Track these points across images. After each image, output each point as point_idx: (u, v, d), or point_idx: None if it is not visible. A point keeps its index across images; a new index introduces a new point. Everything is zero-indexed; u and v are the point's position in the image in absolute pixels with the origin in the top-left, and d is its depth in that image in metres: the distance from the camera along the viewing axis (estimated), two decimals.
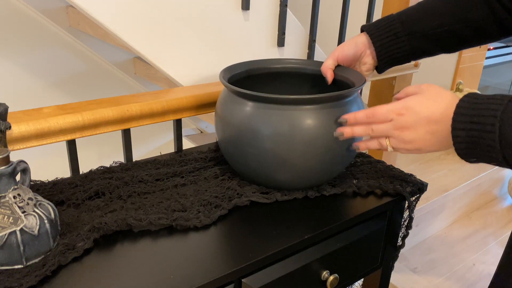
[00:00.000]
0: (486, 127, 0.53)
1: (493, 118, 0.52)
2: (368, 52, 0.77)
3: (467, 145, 0.55)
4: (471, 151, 0.55)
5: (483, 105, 0.54)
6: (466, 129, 0.54)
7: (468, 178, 1.99)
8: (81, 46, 1.66)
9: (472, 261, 1.79)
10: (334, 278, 0.70)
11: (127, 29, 0.99)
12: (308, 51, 1.35)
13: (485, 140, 0.53)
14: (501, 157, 0.53)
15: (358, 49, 0.78)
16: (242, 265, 0.58)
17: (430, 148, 0.61)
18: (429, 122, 0.59)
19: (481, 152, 0.55)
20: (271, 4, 1.20)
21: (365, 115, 0.64)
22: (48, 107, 0.78)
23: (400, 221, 0.83)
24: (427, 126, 0.59)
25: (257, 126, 0.68)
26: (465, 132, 0.55)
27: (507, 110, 0.52)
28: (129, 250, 0.61)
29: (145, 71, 1.62)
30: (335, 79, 0.81)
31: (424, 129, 0.59)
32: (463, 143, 0.55)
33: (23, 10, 1.53)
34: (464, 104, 0.55)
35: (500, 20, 0.71)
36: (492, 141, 0.53)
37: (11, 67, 1.56)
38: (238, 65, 0.84)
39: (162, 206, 0.69)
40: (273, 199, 0.73)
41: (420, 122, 0.59)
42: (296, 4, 1.74)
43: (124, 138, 0.86)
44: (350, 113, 0.66)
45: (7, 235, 0.53)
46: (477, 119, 0.53)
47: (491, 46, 2.90)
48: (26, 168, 0.59)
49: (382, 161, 0.86)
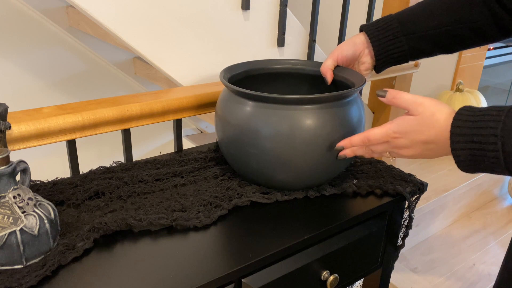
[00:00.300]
0: (488, 146, 0.53)
1: (494, 137, 0.52)
2: (366, 51, 0.78)
3: (469, 163, 0.55)
4: (473, 168, 0.56)
5: (480, 123, 0.53)
6: (466, 149, 0.55)
7: (468, 178, 1.99)
8: (81, 46, 1.66)
9: (472, 261, 1.79)
10: (334, 278, 0.70)
11: (127, 29, 0.99)
12: (308, 51, 1.35)
13: (488, 158, 0.53)
14: (506, 171, 0.54)
15: (356, 48, 0.78)
16: (242, 265, 0.58)
17: (431, 157, 0.62)
18: (425, 143, 0.60)
19: (484, 168, 0.55)
20: (271, 4, 1.20)
21: (361, 140, 0.65)
22: (48, 107, 0.78)
23: (400, 221, 0.83)
24: (424, 146, 0.60)
25: (257, 126, 0.68)
26: (466, 151, 0.55)
27: (506, 127, 0.52)
28: (129, 250, 0.61)
29: (145, 71, 1.62)
30: (335, 80, 0.81)
31: (421, 148, 0.60)
32: (465, 161, 0.56)
33: (23, 10, 1.52)
34: (460, 123, 0.55)
35: (499, 21, 0.71)
36: (496, 159, 0.53)
37: (11, 67, 1.56)
38: (238, 65, 0.84)
39: (162, 206, 0.69)
40: (273, 199, 0.73)
41: (416, 144, 0.60)
42: (296, 4, 1.74)
43: (124, 138, 0.86)
44: (345, 140, 0.67)
45: (7, 235, 0.53)
46: (477, 138, 0.53)
47: (491, 46, 2.90)
48: (26, 168, 0.59)
49: (382, 161, 0.86)
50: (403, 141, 0.61)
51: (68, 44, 1.64)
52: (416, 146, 0.60)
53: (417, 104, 0.59)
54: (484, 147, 0.53)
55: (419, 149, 0.60)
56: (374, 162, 0.86)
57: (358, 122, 0.72)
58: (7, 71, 1.55)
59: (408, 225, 0.83)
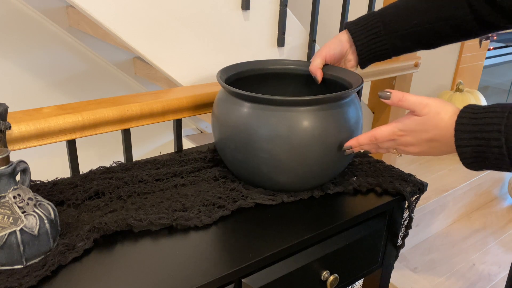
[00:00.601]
0: (492, 142, 0.53)
1: (497, 133, 0.53)
2: (351, 49, 0.79)
3: (474, 159, 0.56)
4: (478, 165, 0.57)
5: (484, 119, 0.54)
6: (471, 146, 0.55)
7: (468, 178, 1.99)
8: (81, 46, 1.66)
9: (472, 261, 1.79)
10: (334, 278, 0.70)
11: (127, 29, 0.99)
12: (308, 51, 1.35)
13: (493, 154, 0.54)
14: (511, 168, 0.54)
15: (343, 46, 0.80)
16: (242, 265, 0.58)
17: (437, 155, 0.63)
18: (430, 141, 0.61)
19: (489, 165, 0.56)
20: (271, 4, 1.20)
21: (368, 139, 0.66)
22: (48, 107, 0.78)
23: (400, 221, 0.83)
24: (429, 144, 0.61)
25: (254, 127, 0.68)
26: (470, 148, 0.55)
27: (510, 123, 0.52)
28: (129, 250, 0.61)
29: (145, 71, 1.62)
30: (333, 80, 0.81)
31: (426, 146, 0.61)
32: (470, 159, 0.56)
33: (23, 10, 1.52)
34: (464, 120, 0.56)
35: (480, 17, 0.71)
36: (501, 155, 0.53)
37: (11, 67, 1.56)
38: (236, 65, 0.84)
39: (163, 206, 0.69)
40: (279, 201, 0.73)
41: (421, 142, 0.61)
42: (296, 4, 1.74)
43: (124, 138, 0.86)
44: (353, 139, 0.68)
45: (7, 235, 0.53)
46: (481, 135, 0.54)
47: (491, 46, 2.89)
48: (26, 168, 0.59)
49: (382, 161, 0.86)
50: (409, 139, 0.62)
51: (68, 44, 1.64)
52: (421, 144, 0.62)
53: (423, 106, 0.60)
54: (488, 143, 0.54)
55: (424, 147, 0.62)
56: (373, 162, 0.86)
57: (356, 123, 0.72)
58: (7, 71, 1.55)
59: (408, 225, 0.83)
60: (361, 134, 0.68)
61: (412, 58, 1.62)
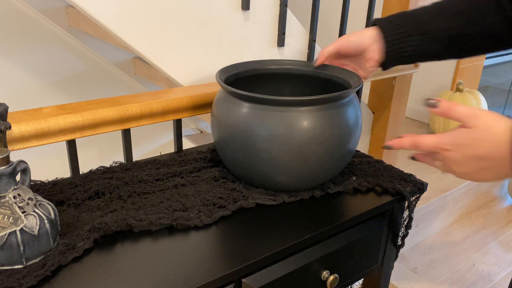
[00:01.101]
0: None
1: None
2: (374, 47, 0.74)
3: None
4: None
5: None
6: None
7: None
8: (81, 46, 1.66)
9: (472, 261, 1.79)
10: (334, 278, 0.70)
11: (127, 29, 0.99)
12: (308, 51, 1.35)
13: None
14: None
15: (363, 42, 0.75)
16: (242, 265, 0.58)
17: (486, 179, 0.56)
18: (479, 159, 0.53)
19: None
20: (271, 4, 1.20)
21: (411, 144, 0.59)
22: (48, 107, 0.78)
23: (400, 221, 0.83)
24: (477, 163, 0.54)
25: (253, 127, 0.68)
26: None
27: None
28: (129, 250, 0.61)
29: (145, 71, 1.62)
30: (332, 80, 0.81)
31: (474, 165, 0.54)
32: None
33: (23, 10, 1.53)
34: None
35: None
36: None
37: (11, 67, 1.56)
38: (235, 65, 0.84)
39: (163, 206, 0.69)
40: (279, 201, 0.73)
41: (468, 159, 0.54)
42: (296, 4, 1.74)
43: (124, 138, 0.86)
44: (395, 140, 0.61)
45: (7, 235, 0.53)
46: None
47: None
48: (26, 168, 0.59)
49: (381, 161, 0.86)
50: (454, 155, 0.55)
51: (68, 44, 1.64)
52: (468, 162, 0.54)
53: (473, 116, 0.53)
54: None
55: (472, 166, 0.54)
56: (373, 162, 0.86)
57: (355, 123, 0.72)
58: (7, 71, 1.55)
59: (408, 225, 0.83)
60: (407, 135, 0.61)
61: None
